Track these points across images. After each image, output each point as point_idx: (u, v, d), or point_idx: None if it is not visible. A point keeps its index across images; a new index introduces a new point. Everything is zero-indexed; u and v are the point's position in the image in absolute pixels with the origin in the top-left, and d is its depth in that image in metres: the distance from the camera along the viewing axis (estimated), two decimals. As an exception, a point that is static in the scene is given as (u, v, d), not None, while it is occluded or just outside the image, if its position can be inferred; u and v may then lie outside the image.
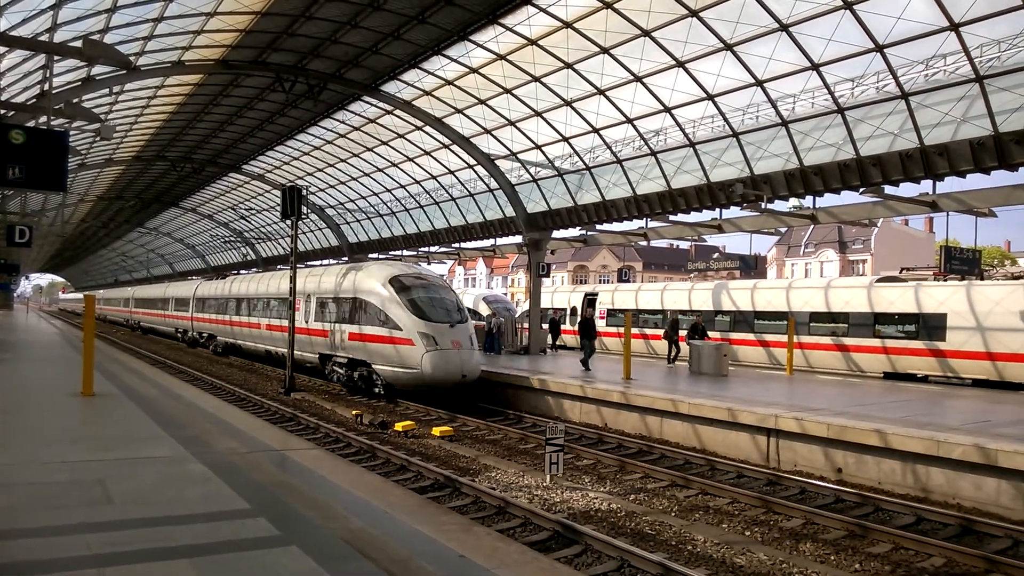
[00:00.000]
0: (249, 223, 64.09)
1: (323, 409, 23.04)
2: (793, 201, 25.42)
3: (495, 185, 36.20)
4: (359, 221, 51.50)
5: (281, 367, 29.85)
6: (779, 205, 26.39)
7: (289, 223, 30.23)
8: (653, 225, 32.34)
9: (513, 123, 31.12)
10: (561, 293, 48.74)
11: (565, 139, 30.61)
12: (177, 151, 47.00)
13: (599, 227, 34.01)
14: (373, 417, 20.50)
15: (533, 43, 25.28)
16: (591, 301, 43.01)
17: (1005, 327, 24.06)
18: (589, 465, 15.71)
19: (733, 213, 28.96)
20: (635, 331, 34.86)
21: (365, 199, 48.19)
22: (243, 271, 59.31)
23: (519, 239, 36.72)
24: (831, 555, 10.43)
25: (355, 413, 20.89)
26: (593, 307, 41.75)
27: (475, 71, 28.47)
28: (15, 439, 11.61)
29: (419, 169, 40.13)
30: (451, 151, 36.04)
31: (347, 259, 50.78)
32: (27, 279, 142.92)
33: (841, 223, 47.90)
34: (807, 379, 26.01)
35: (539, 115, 29.69)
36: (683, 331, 30.00)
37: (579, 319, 30.94)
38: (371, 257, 48.01)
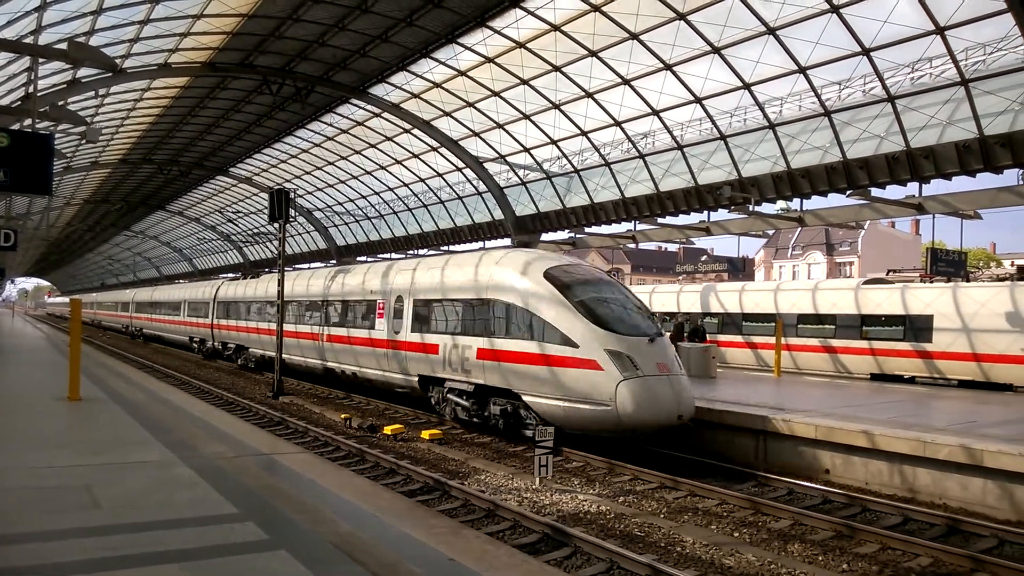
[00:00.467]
0: (237, 226, 63.89)
1: (312, 413, 22.94)
2: (781, 203, 25.57)
3: (484, 188, 36.25)
4: (347, 224, 51.42)
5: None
6: (767, 207, 26.55)
7: (277, 226, 30.10)
8: (641, 228, 32.46)
9: (501, 126, 31.17)
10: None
11: (553, 142, 30.68)
12: (164, 154, 46.84)
13: (588, 230, 34.13)
14: (362, 420, 20.44)
15: (521, 46, 25.34)
16: None
17: (990, 328, 24.22)
18: (578, 467, 15.71)
19: (721, 215, 29.14)
20: None
21: (353, 202, 48.15)
22: (268, 270, 48.10)
23: (507, 242, 36.77)
24: (819, 555, 10.46)
25: (344, 416, 20.82)
26: None
27: (463, 74, 28.50)
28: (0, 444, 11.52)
29: (407, 172, 40.15)
30: (439, 154, 36.07)
31: (335, 262, 50.46)
32: (12, 283, 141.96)
33: (828, 225, 48.22)
34: (794, 381, 26.09)
35: (527, 118, 29.75)
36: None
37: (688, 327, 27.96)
38: (359, 260, 47.54)
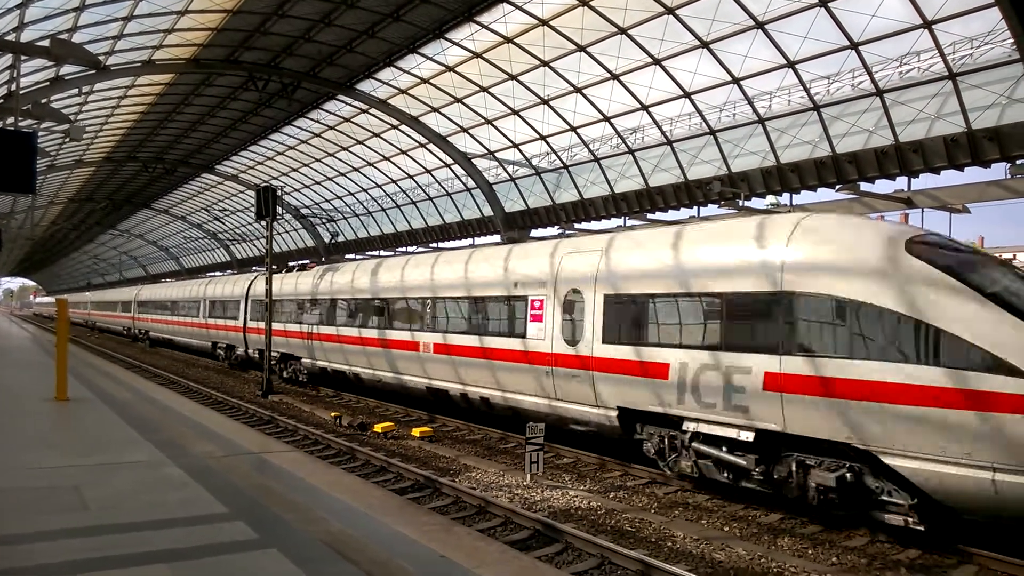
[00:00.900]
0: (223, 224, 63.59)
1: (301, 411, 22.83)
2: (770, 198, 25.58)
3: (473, 184, 36.16)
4: (335, 221, 51.26)
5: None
6: (756, 203, 26.58)
7: (264, 224, 29.94)
8: (631, 223, 32.44)
9: (490, 121, 31.09)
10: None
11: (543, 137, 30.62)
12: (149, 152, 46.54)
13: (577, 226, 34.09)
14: (352, 419, 20.34)
15: (509, 41, 25.26)
16: None
17: None
18: (569, 463, 15.69)
19: (711, 211, 29.11)
20: None
21: (341, 199, 47.99)
22: (293, 264, 36.26)
23: (497, 239, 36.72)
24: (808, 549, 10.48)
25: (334, 415, 20.72)
26: None
27: (451, 69, 28.40)
28: (-14, 445, 11.39)
29: (395, 168, 40.02)
30: (428, 150, 35.96)
31: (324, 260, 50.22)
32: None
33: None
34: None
35: (516, 113, 29.68)
36: None
37: None
38: (348, 257, 47.14)
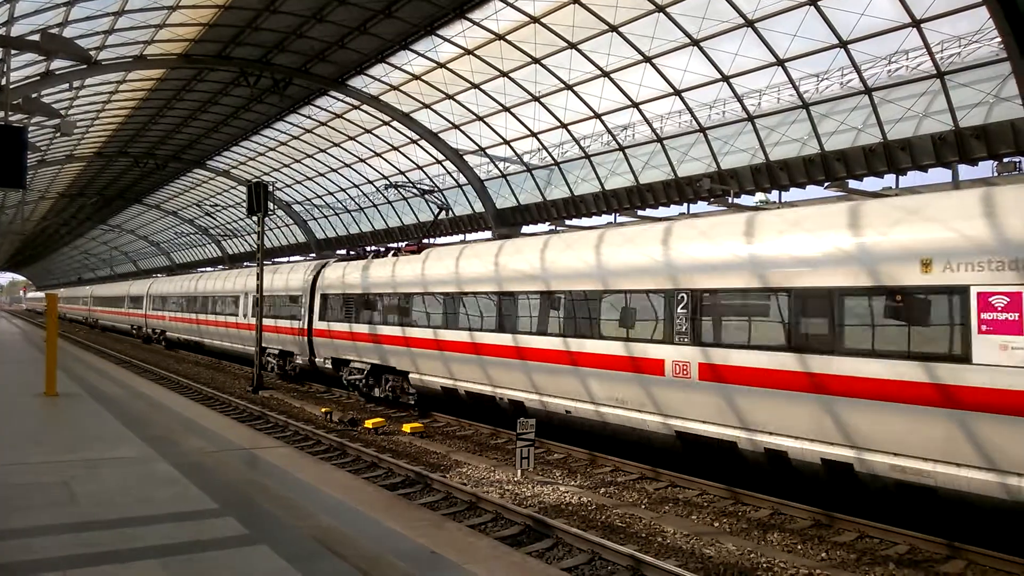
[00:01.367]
0: (214, 219, 63.40)
1: (292, 407, 22.83)
2: (759, 196, 25.67)
3: (464, 180, 36.15)
4: (327, 217, 51.18)
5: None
6: (746, 200, 26.64)
7: (256, 219, 29.84)
8: (621, 220, 32.41)
9: (481, 118, 31.08)
10: None
11: (533, 134, 30.64)
12: (140, 147, 46.37)
13: (568, 222, 34.07)
14: (343, 415, 20.36)
15: (501, 38, 25.27)
16: None
17: None
18: (560, 459, 15.74)
19: (700, 208, 29.24)
20: None
21: (333, 195, 47.92)
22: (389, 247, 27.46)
23: (488, 235, 36.71)
24: (798, 544, 10.56)
25: (324, 411, 20.72)
26: None
27: (442, 66, 28.39)
28: (-25, 441, 11.37)
29: (387, 164, 39.96)
30: (419, 146, 35.95)
31: (315, 255, 50.18)
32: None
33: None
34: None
35: (507, 110, 29.69)
36: None
37: None
38: (339, 254, 46.90)
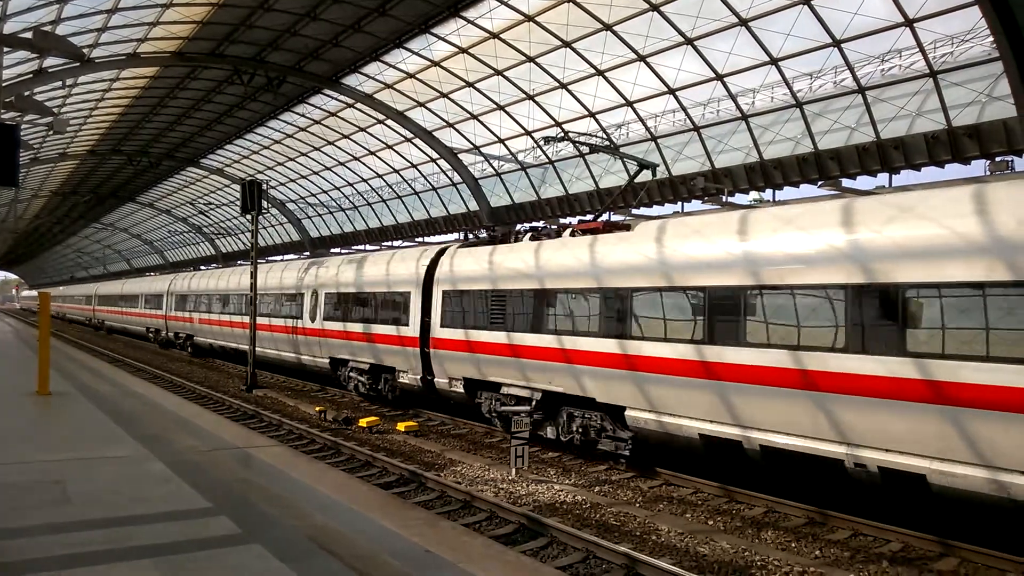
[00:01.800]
0: (208, 218, 63.23)
1: (286, 406, 22.81)
2: (753, 194, 25.72)
3: (458, 179, 36.12)
4: (321, 216, 51.08)
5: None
6: (740, 199, 26.69)
7: (249, 218, 29.80)
8: (616, 219, 32.50)
9: (475, 116, 31.05)
10: None
11: (528, 133, 30.62)
12: (133, 145, 46.23)
13: (562, 221, 34.10)
14: (337, 413, 20.35)
15: (495, 36, 25.25)
16: None
17: None
18: (554, 458, 15.76)
19: (695, 206, 29.23)
20: None
21: (327, 193, 47.82)
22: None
23: (483, 234, 36.66)
24: (792, 542, 10.59)
25: (319, 409, 20.71)
26: None
27: (437, 64, 28.35)
28: (-32, 440, 11.32)
29: (381, 163, 39.91)
30: (413, 145, 35.89)
31: (308, 254, 50.12)
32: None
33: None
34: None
35: (501, 108, 29.66)
36: None
37: None
38: (333, 252, 46.97)
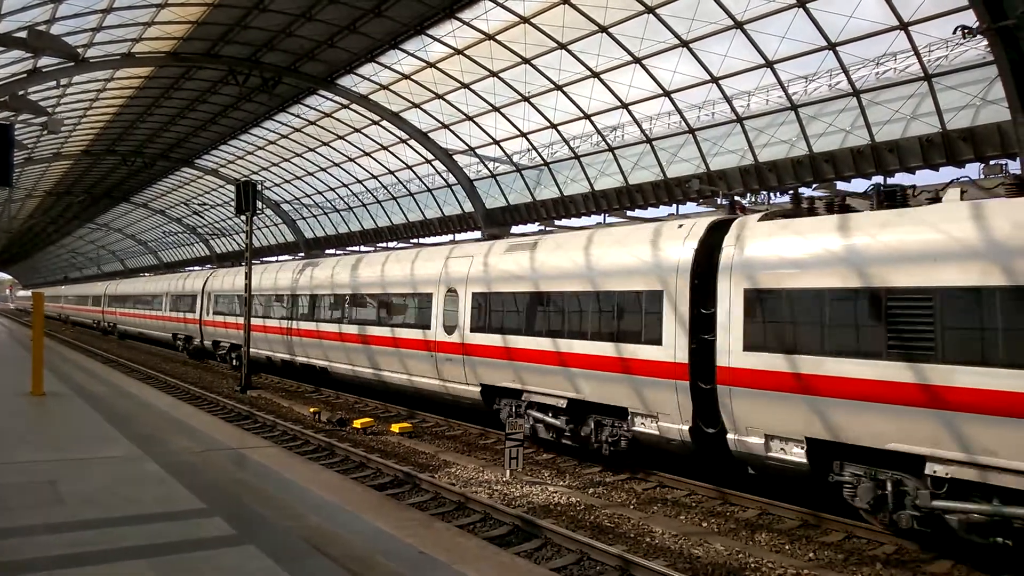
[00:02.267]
0: (203, 218, 63.14)
1: (280, 406, 22.76)
2: (749, 197, 25.74)
3: (453, 180, 36.12)
4: (315, 216, 51.03)
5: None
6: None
7: (244, 218, 29.72)
8: (611, 221, 32.53)
9: (471, 118, 31.05)
10: None
11: (523, 134, 30.64)
12: (128, 145, 46.11)
13: (557, 223, 34.12)
14: (331, 414, 20.32)
15: (491, 38, 25.25)
16: None
17: None
18: (549, 459, 15.75)
19: (689, 209, 29.26)
20: None
21: (322, 194, 47.77)
22: None
23: (478, 235, 36.71)
24: (786, 544, 10.60)
25: (313, 410, 20.68)
26: None
27: (432, 66, 28.35)
28: (-40, 441, 11.29)
29: (376, 164, 39.88)
30: (408, 146, 35.87)
31: (303, 255, 50.08)
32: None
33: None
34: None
35: (497, 110, 29.67)
36: None
37: None
38: (328, 253, 47.02)
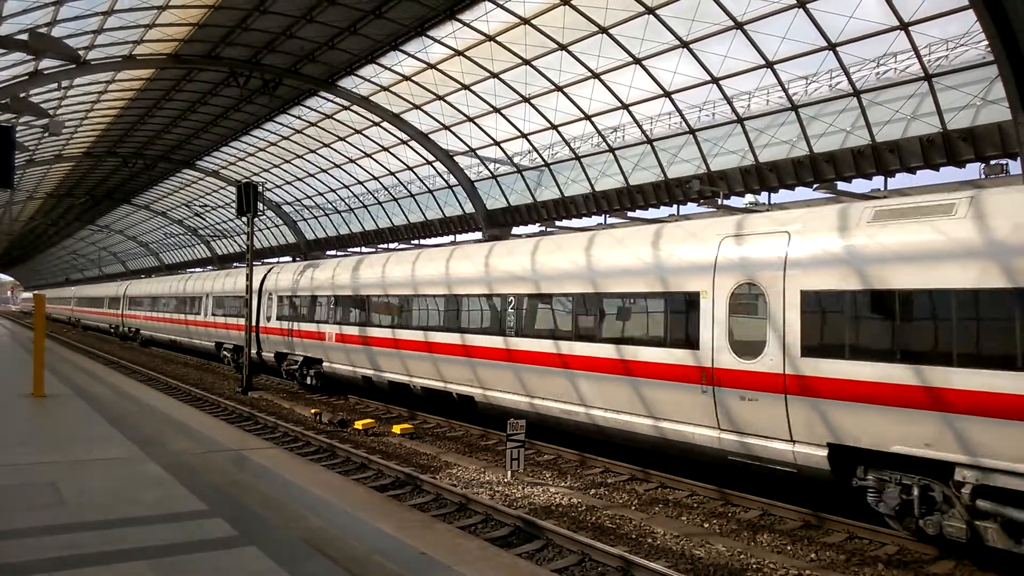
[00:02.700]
0: (204, 220, 63.18)
1: (281, 408, 22.76)
2: (749, 197, 25.72)
3: (454, 181, 36.12)
4: (316, 218, 51.04)
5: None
6: (735, 201, 26.71)
7: (245, 220, 29.72)
8: (612, 222, 32.50)
9: (472, 119, 31.06)
10: None
11: (524, 135, 30.64)
12: (129, 147, 46.16)
13: (558, 223, 34.10)
14: (333, 415, 20.30)
15: (491, 39, 25.26)
16: None
17: None
18: (550, 460, 15.74)
19: (690, 209, 29.23)
20: None
21: (323, 195, 47.80)
22: None
23: (479, 236, 36.70)
24: (788, 545, 10.58)
25: (314, 411, 20.67)
26: None
27: (433, 67, 28.35)
28: (-38, 442, 11.29)
29: (377, 165, 39.88)
30: (409, 147, 35.87)
31: (304, 256, 50.14)
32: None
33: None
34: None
35: (498, 111, 29.67)
36: None
37: None
38: (329, 255, 47.15)
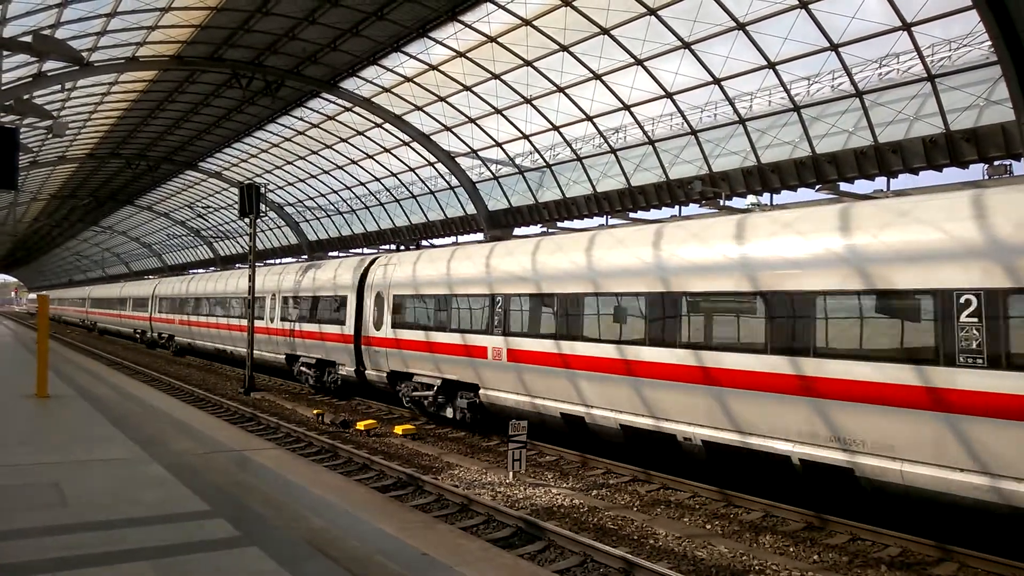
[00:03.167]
0: (207, 221, 63.26)
1: (284, 408, 22.80)
2: (751, 198, 25.70)
3: (456, 182, 36.13)
4: (319, 219, 51.09)
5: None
6: (737, 202, 26.70)
7: (248, 221, 29.77)
8: (613, 223, 32.46)
9: (473, 120, 31.07)
10: None
11: (525, 136, 30.63)
12: (132, 148, 46.22)
13: (560, 224, 34.09)
14: (335, 416, 20.33)
15: (493, 40, 25.27)
16: None
17: None
18: (552, 461, 15.75)
19: (692, 210, 29.23)
20: None
21: (325, 196, 47.82)
22: None
23: (480, 237, 36.70)
24: (790, 547, 10.58)
25: (316, 412, 20.69)
26: None
27: (435, 68, 28.37)
28: (-35, 443, 11.31)
29: (379, 166, 39.92)
30: (411, 148, 35.89)
31: (307, 257, 50.15)
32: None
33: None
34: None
35: (499, 112, 29.67)
36: None
37: None
38: (331, 255, 46.99)
